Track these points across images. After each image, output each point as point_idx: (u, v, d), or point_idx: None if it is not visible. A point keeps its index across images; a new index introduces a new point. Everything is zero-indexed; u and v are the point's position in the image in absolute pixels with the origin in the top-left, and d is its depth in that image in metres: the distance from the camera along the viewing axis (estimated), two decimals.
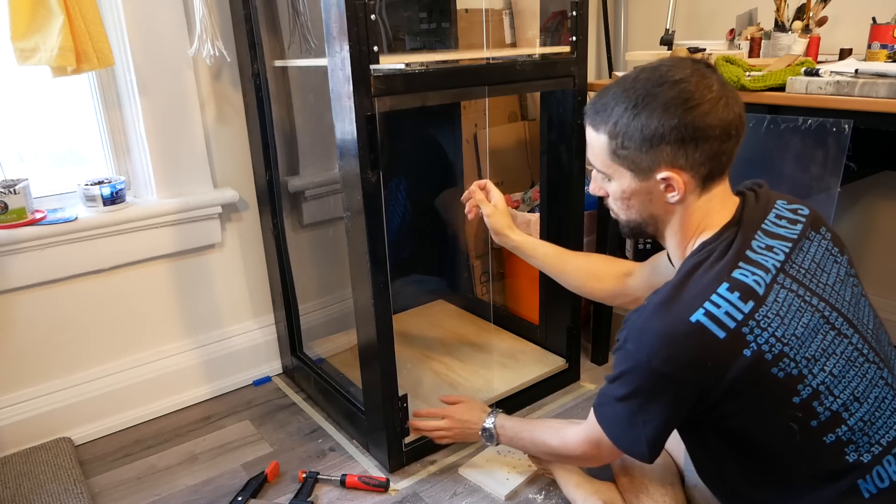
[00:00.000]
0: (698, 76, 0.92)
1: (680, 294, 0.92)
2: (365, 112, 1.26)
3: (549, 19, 1.65)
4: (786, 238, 0.96)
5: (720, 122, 0.91)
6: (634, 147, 0.95)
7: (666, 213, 1.00)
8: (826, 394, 0.90)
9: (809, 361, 0.89)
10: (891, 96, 1.22)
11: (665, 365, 0.90)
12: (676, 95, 0.91)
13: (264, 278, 1.94)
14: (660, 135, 0.92)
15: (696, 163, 0.93)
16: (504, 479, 1.48)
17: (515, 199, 2.16)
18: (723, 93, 0.92)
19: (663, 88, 0.92)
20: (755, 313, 0.88)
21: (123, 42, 1.57)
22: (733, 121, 0.92)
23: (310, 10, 1.72)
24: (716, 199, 0.98)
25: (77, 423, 1.69)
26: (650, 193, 0.98)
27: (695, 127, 0.91)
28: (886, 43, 1.51)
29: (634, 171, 0.97)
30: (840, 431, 0.90)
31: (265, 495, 1.48)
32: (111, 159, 1.72)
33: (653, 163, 0.95)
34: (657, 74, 0.94)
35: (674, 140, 0.92)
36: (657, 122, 0.92)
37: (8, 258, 1.52)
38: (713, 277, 0.91)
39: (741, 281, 0.90)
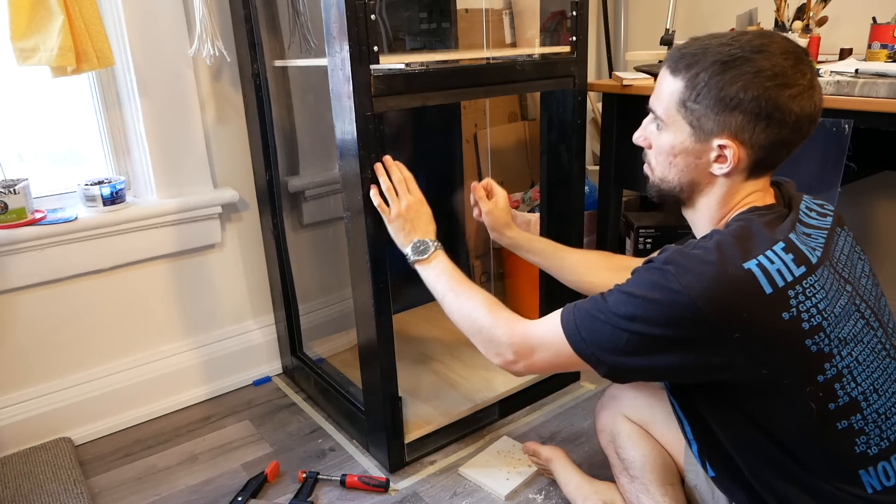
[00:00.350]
0: (796, 59, 0.88)
1: (736, 240, 0.88)
2: (365, 112, 1.26)
3: (549, 19, 1.65)
4: (820, 228, 0.94)
5: (800, 111, 0.88)
6: (706, 104, 0.90)
7: (706, 184, 0.96)
8: (849, 378, 0.88)
9: (840, 342, 0.88)
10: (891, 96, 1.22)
11: (704, 301, 0.84)
12: (770, 67, 0.87)
13: (264, 278, 1.94)
14: (738, 100, 0.88)
15: (758, 144, 0.90)
16: (504, 479, 1.48)
17: (515, 199, 2.16)
18: (812, 84, 0.89)
19: (761, 56, 0.87)
20: (804, 280, 0.86)
21: (123, 42, 1.57)
22: (811, 115, 0.89)
23: (310, 10, 1.72)
24: (759, 191, 0.96)
25: (77, 423, 1.69)
26: (699, 158, 0.94)
27: (775, 106, 0.87)
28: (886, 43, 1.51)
29: (695, 129, 0.93)
30: (854, 419, 0.89)
31: (265, 495, 1.48)
32: (111, 159, 1.72)
33: (717, 127, 0.90)
34: (759, 41, 0.89)
35: (749, 111, 0.88)
36: (740, 86, 0.88)
37: (8, 258, 1.52)
38: (771, 234, 0.88)
39: (796, 244, 0.88)
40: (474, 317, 1.14)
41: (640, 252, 1.92)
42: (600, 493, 1.32)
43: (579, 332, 0.96)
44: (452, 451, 1.60)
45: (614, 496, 1.30)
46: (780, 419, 0.91)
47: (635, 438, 1.31)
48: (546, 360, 1.03)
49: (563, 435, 1.65)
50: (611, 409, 1.37)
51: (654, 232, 1.90)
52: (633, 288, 0.91)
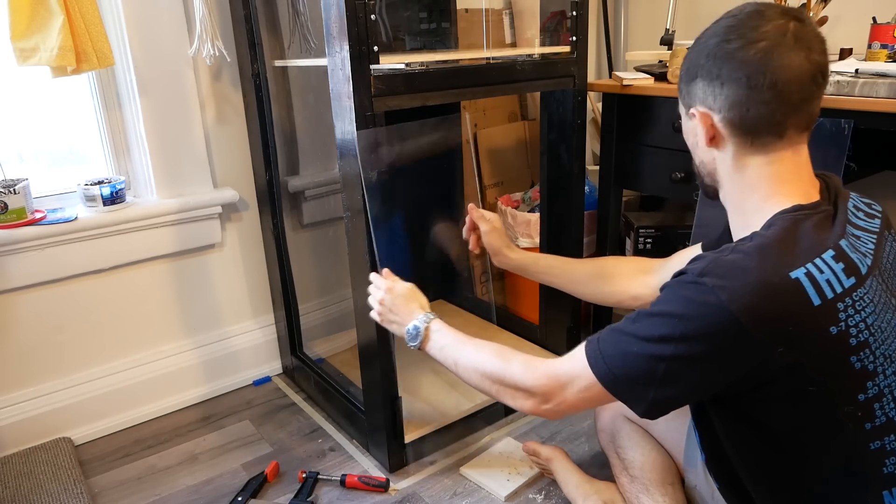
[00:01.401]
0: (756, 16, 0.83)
1: (781, 245, 0.80)
2: (365, 112, 1.26)
3: (549, 19, 1.65)
4: (869, 231, 0.88)
5: (744, 64, 0.82)
6: (684, 81, 0.92)
7: (712, 160, 0.91)
8: (889, 398, 0.82)
9: (885, 360, 0.81)
10: (891, 96, 1.22)
11: (744, 311, 0.76)
12: (719, 28, 0.85)
13: (264, 278, 1.94)
14: (696, 68, 0.88)
15: (722, 106, 0.85)
16: (504, 479, 1.48)
17: (515, 199, 2.15)
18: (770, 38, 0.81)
19: (717, 23, 0.86)
20: (853, 292, 0.79)
21: (123, 42, 1.57)
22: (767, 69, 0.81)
23: (310, 10, 1.72)
24: (780, 166, 0.86)
25: (77, 423, 1.69)
26: (696, 135, 0.92)
27: (720, 63, 0.84)
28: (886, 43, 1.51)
29: (685, 108, 0.93)
30: (888, 440, 0.83)
31: (265, 495, 1.48)
32: (111, 159, 1.72)
33: (691, 99, 0.90)
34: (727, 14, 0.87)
35: (704, 76, 0.86)
36: (696, 54, 0.88)
37: (8, 258, 1.52)
38: (820, 240, 0.81)
39: (847, 254, 0.80)
40: (488, 370, 1.04)
41: (640, 252, 1.92)
42: (600, 493, 1.32)
43: (609, 367, 0.87)
44: (453, 451, 1.60)
45: (614, 496, 1.30)
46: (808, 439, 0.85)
47: (635, 438, 1.31)
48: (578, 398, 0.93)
49: (563, 435, 1.65)
50: (611, 410, 1.37)
51: (654, 232, 1.90)
52: (664, 307, 0.83)
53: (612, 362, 0.87)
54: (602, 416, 1.42)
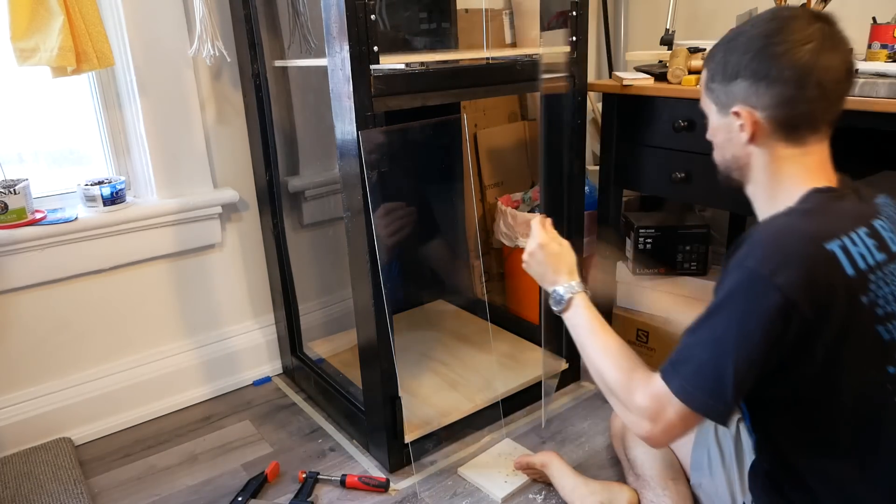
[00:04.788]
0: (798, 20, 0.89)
1: (817, 217, 0.87)
2: (365, 112, 1.26)
3: (553, 19, 1.65)
4: None
5: (795, 65, 0.87)
6: (718, 80, 0.96)
7: (746, 155, 0.96)
8: None
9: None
10: (891, 96, 1.22)
11: (787, 282, 0.81)
12: (762, 31, 0.90)
13: (264, 278, 1.94)
14: (737, 69, 0.92)
15: (768, 104, 0.91)
16: (502, 481, 1.47)
17: (515, 199, 2.16)
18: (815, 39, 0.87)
19: (756, 26, 0.92)
20: (884, 266, 0.86)
21: (123, 42, 1.57)
22: (814, 69, 0.87)
23: (310, 10, 1.72)
24: (812, 157, 0.93)
25: (77, 423, 1.69)
26: (729, 131, 0.97)
27: (767, 65, 0.89)
28: (886, 43, 1.51)
29: (718, 106, 0.98)
30: None
31: (265, 495, 1.48)
32: (111, 159, 1.72)
33: (729, 98, 0.95)
34: (762, 15, 0.93)
35: (748, 76, 0.91)
36: (738, 55, 0.92)
37: (8, 258, 1.52)
38: (855, 215, 0.88)
39: (879, 232, 0.88)
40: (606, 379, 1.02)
41: (640, 252, 1.92)
42: (597, 494, 1.32)
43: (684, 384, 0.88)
44: (452, 451, 1.60)
45: (611, 496, 1.31)
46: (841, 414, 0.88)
47: None
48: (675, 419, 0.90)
49: (563, 435, 1.65)
50: None
51: (654, 232, 1.90)
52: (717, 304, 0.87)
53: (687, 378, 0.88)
54: (615, 423, 1.44)
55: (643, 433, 0.94)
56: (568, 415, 1.73)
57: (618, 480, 1.38)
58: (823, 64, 0.87)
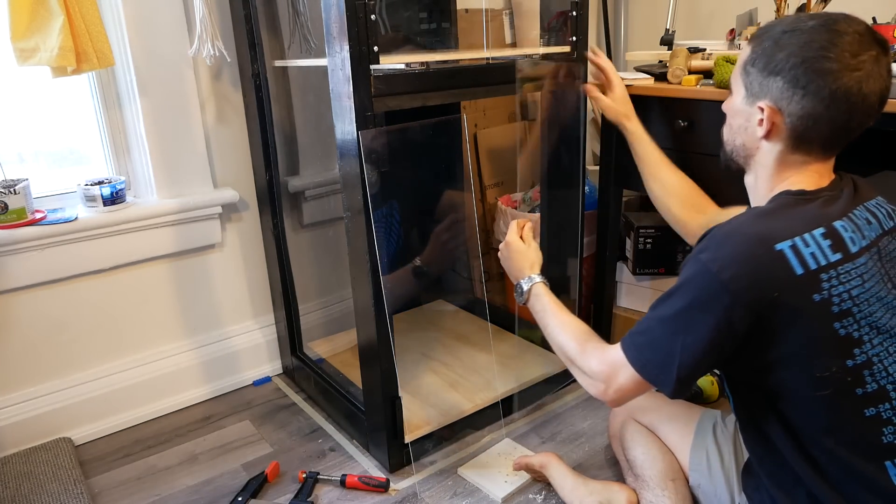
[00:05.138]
0: (857, 40, 0.88)
1: (773, 219, 0.91)
2: (365, 112, 1.26)
3: (553, 19, 1.65)
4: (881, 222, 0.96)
5: (836, 88, 0.88)
6: (759, 67, 0.95)
7: (755, 148, 0.99)
8: (879, 367, 0.89)
9: (873, 330, 0.89)
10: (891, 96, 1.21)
11: (732, 279, 0.87)
12: (819, 39, 0.89)
13: (264, 278, 1.94)
14: (780, 68, 0.92)
15: (794, 113, 0.92)
16: (503, 481, 1.48)
17: (515, 199, 2.16)
18: (865, 66, 0.88)
19: (821, 30, 0.90)
20: (839, 266, 0.88)
21: (123, 42, 1.57)
22: (852, 97, 0.88)
23: (310, 10, 1.72)
24: (814, 165, 0.96)
25: (77, 423, 1.69)
26: (748, 120, 0.98)
27: (812, 77, 0.89)
28: None
29: (748, 92, 0.98)
30: (882, 408, 0.90)
31: (265, 495, 1.48)
32: (111, 159, 1.72)
33: (761, 90, 0.95)
34: (828, 17, 0.91)
35: (788, 78, 0.91)
36: (786, 53, 0.91)
37: (8, 258, 1.52)
38: (812, 218, 0.90)
39: (838, 232, 0.90)
40: (566, 350, 1.14)
41: (640, 252, 1.92)
42: (596, 494, 1.32)
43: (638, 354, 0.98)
44: (452, 451, 1.60)
45: (611, 496, 1.31)
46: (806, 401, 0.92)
47: (638, 438, 1.34)
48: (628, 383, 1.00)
49: (563, 435, 1.65)
50: (621, 415, 1.41)
51: (654, 232, 1.90)
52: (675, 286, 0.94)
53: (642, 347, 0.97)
54: (613, 423, 1.45)
55: (597, 394, 1.05)
56: (568, 415, 1.73)
57: (617, 481, 1.38)
58: (862, 94, 0.88)
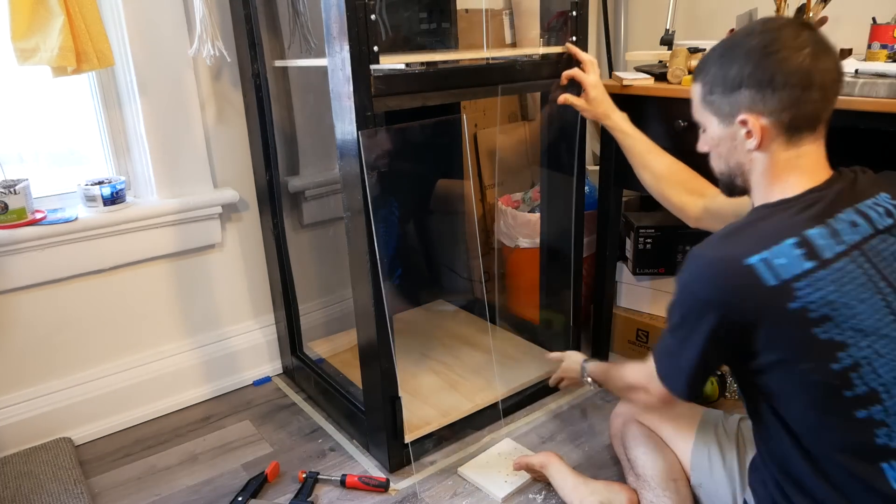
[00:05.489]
0: (788, 29, 0.95)
1: (742, 234, 0.95)
2: (365, 112, 1.26)
3: (553, 19, 1.65)
4: (872, 223, 0.97)
5: (798, 69, 0.93)
6: (719, 93, 1.00)
7: (750, 161, 1.02)
8: (868, 369, 0.90)
9: (857, 333, 0.90)
10: (891, 96, 1.22)
11: (707, 290, 0.94)
12: (758, 42, 0.95)
13: (264, 278, 1.94)
14: (738, 80, 0.97)
15: (775, 109, 0.96)
16: (503, 481, 1.48)
17: (515, 199, 2.16)
18: (810, 45, 0.93)
19: (750, 38, 0.97)
20: (812, 274, 0.90)
21: (123, 42, 1.57)
22: (814, 72, 0.93)
23: (310, 10, 1.72)
24: (806, 159, 0.98)
25: (77, 423, 1.69)
26: (734, 140, 1.01)
27: (771, 72, 0.94)
28: (886, 43, 1.51)
29: (719, 117, 1.02)
30: (874, 410, 0.90)
31: (265, 495, 1.48)
32: (111, 159, 1.72)
33: (733, 107, 0.99)
34: (750, 27, 0.98)
35: (752, 84, 0.96)
36: (738, 67, 0.97)
37: (8, 258, 1.52)
38: (783, 228, 0.93)
39: (811, 241, 0.92)
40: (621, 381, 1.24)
41: (640, 252, 1.92)
42: (597, 494, 1.32)
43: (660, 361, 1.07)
44: (452, 451, 1.60)
45: (611, 496, 1.31)
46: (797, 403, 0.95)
47: (640, 439, 1.34)
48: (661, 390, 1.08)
49: (562, 435, 1.65)
50: (623, 415, 1.42)
51: (654, 232, 1.90)
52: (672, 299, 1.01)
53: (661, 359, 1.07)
54: (615, 423, 1.45)
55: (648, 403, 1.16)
56: (568, 415, 1.73)
57: (618, 480, 1.38)
58: (821, 66, 0.93)
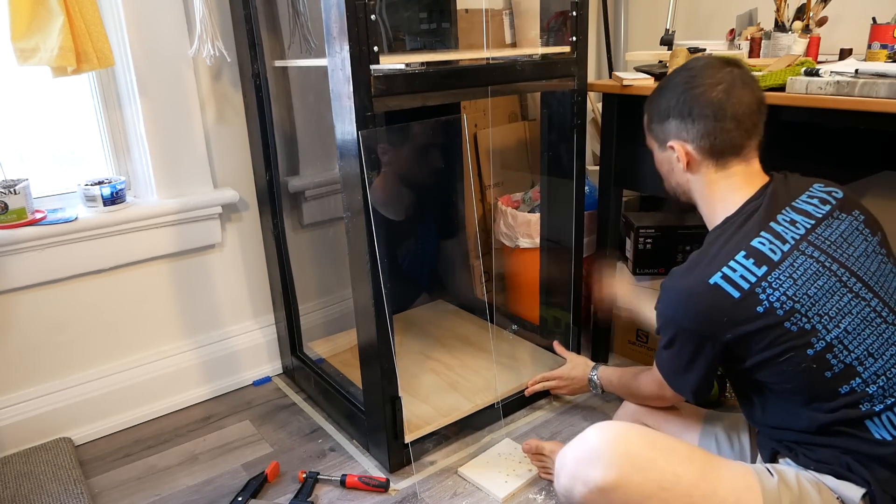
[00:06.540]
0: (710, 67, 1.09)
1: (701, 260, 1.07)
2: (365, 112, 1.26)
3: (553, 19, 1.65)
4: (811, 215, 1.08)
5: (711, 103, 1.07)
6: (654, 122, 1.17)
7: (687, 182, 1.16)
8: (840, 348, 0.99)
9: (823, 318, 1.00)
10: (891, 96, 1.22)
11: (686, 319, 1.06)
12: (681, 79, 1.11)
13: (264, 278, 1.94)
14: (666, 111, 1.13)
15: (696, 136, 1.10)
16: (503, 481, 1.48)
17: (515, 199, 2.16)
18: (724, 80, 1.07)
19: (680, 74, 1.12)
20: (768, 276, 1.01)
21: (123, 42, 1.57)
22: (727, 105, 1.06)
23: (310, 11, 1.72)
24: (737, 178, 1.11)
25: (77, 423, 1.69)
26: (670, 163, 1.17)
27: (690, 105, 1.09)
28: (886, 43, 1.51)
29: (658, 143, 1.18)
30: (854, 383, 0.99)
31: (265, 495, 1.48)
32: (111, 159, 1.72)
33: (665, 135, 1.15)
34: (683, 67, 1.13)
35: (676, 115, 1.11)
36: (666, 99, 1.13)
37: (8, 258, 1.52)
38: (732, 246, 1.04)
39: (757, 249, 1.03)
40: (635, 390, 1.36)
41: (640, 252, 1.92)
42: None
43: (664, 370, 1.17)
44: (452, 451, 1.60)
45: None
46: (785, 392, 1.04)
47: None
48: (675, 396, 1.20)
49: (563, 435, 1.65)
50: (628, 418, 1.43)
51: (654, 232, 1.90)
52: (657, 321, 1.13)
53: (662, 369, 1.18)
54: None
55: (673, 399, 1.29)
56: (568, 415, 1.73)
57: None
58: (734, 100, 1.06)
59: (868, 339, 1.00)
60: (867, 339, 1.01)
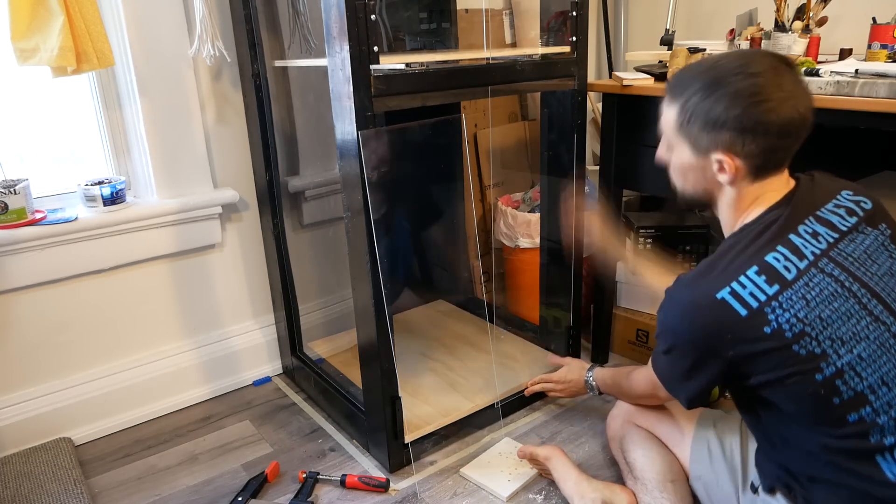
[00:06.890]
0: (773, 73, 0.97)
1: (711, 271, 1.00)
2: (365, 112, 1.26)
3: (553, 19, 1.65)
4: (836, 228, 1.01)
5: (781, 120, 0.96)
6: (698, 126, 1.02)
7: (718, 190, 1.07)
8: (851, 374, 0.93)
9: (835, 342, 0.94)
10: (891, 96, 1.22)
11: (688, 332, 1.01)
12: (746, 87, 0.97)
13: (264, 278, 1.94)
14: (722, 120, 0.98)
15: (751, 153, 0.99)
16: (505, 480, 1.48)
17: (515, 199, 2.16)
18: (793, 92, 0.97)
19: (738, 78, 0.97)
20: (779, 296, 0.95)
21: (123, 42, 1.57)
22: (795, 121, 0.97)
23: (310, 11, 1.72)
24: (769, 188, 1.04)
25: (77, 423, 1.69)
26: (704, 170, 1.05)
27: (756, 121, 0.96)
28: (886, 43, 1.51)
29: (693, 148, 1.04)
30: (864, 412, 0.93)
31: (265, 495, 1.48)
32: (111, 159, 1.72)
33: (711, 144, 1.01)
34: (736, 63, 0.99)
35: (734, 128, 0.98)
36: (723, 107, 0.98)
37: (8, 258, 1.52)
38: (745, 259, 0.98)
39: (771, 265, 0.96)
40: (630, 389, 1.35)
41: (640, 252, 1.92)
42: (598, 492, 1.32)
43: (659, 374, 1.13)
44: (452, 451, 1.60)
45: (612, 495, 1.31)
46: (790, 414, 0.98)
47: (638, 441, 1.34)
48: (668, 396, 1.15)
49: (563, 435, 1.65)
50: (620, 418, 1.43)
51: (654, 232, 1.90)
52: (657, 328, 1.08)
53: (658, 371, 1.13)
54: (612, 425, 1.45)
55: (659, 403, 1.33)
56: (568, 415, 1.73)
57: (617, 481, 1.38)
58: (800, 114, 0.97)
59: (884, 367, 0.94)
60: (883, 366, 0.94)
